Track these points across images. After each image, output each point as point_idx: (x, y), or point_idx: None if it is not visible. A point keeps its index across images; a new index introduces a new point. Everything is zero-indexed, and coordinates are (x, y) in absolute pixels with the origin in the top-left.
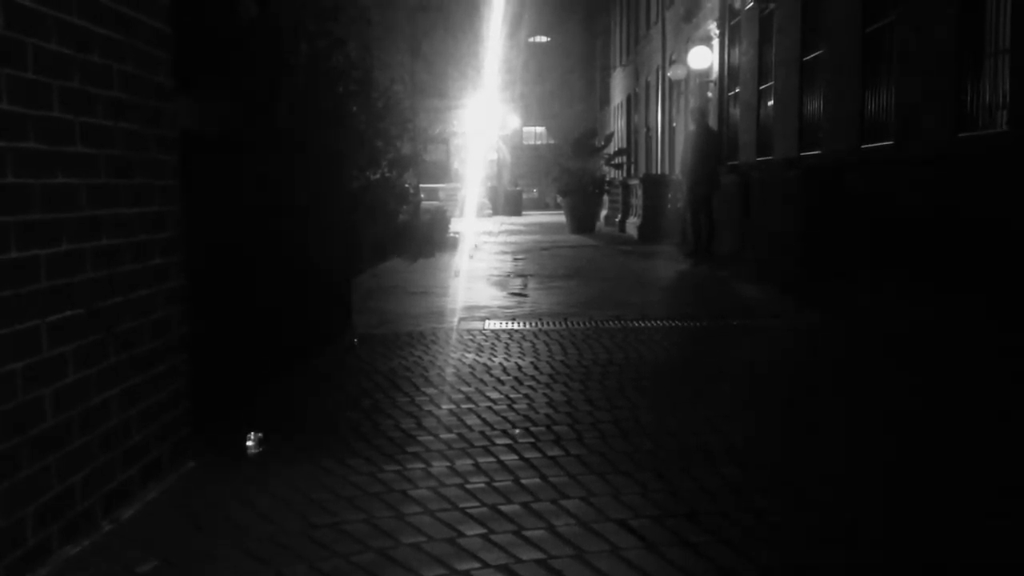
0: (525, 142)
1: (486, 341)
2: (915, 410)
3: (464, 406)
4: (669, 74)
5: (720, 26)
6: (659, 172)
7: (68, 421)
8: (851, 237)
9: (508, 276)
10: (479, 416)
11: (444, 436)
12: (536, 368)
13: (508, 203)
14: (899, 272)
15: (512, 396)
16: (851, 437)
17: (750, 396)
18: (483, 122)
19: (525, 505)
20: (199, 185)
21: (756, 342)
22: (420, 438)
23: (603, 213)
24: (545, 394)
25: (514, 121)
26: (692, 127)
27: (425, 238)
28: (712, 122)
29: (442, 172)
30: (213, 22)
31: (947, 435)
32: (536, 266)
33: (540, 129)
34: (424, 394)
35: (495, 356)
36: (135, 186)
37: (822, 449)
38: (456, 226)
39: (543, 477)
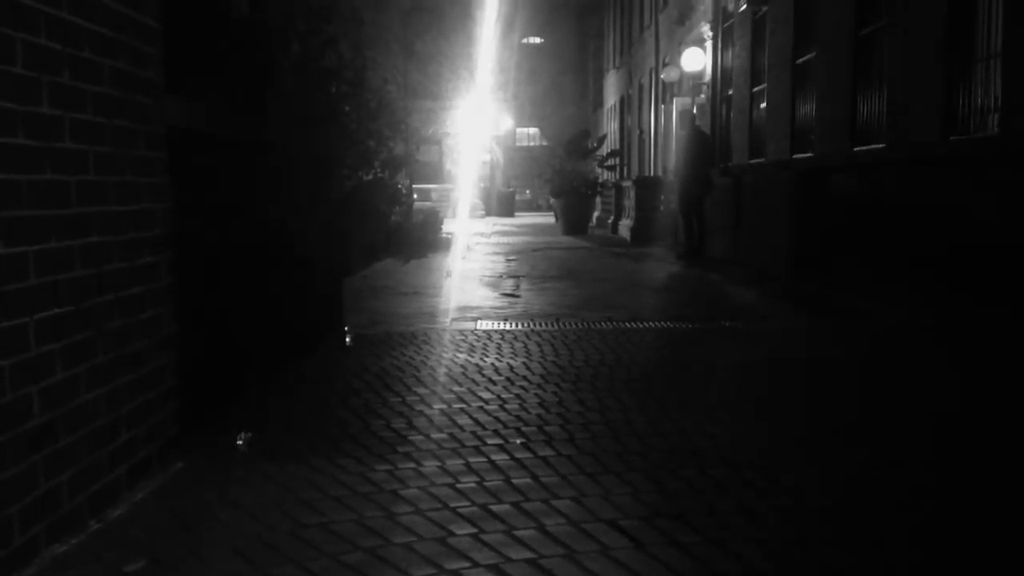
0: (518, 143)
1: (478, 341)
2: (908, 412)
3: (455, 406)
4: (662, 76)
5: (713, 28)
6: (652, 174)
7: (56, 419)
8: (842, 239)
9: (500, 277)
10: (470, 416)
11: (435, 436)
12: (528, 369)
13: (501, 204)
14: (890, 274)
15: (503, 396)
16: (842, 438)
17: (740, 397)
18: (476, 123)
19: (516, 505)
20: (188, 183)
21: (746, 344)
22: (411, 438)
23: (595, 215)
24: (536, 395)
25: (507, 122)
26: (683, 130)
27: (417, 239)
28: (704, 125)
29: (435, 173)
30: (204, 19)
31: (941, 436)
32: (528, 267)
33: (533, 130)
34: (415, 394)
35: (487, 356)
36: (124, 183)
37: (812, 450)
38: (448, 227)
39: (534, 477)
